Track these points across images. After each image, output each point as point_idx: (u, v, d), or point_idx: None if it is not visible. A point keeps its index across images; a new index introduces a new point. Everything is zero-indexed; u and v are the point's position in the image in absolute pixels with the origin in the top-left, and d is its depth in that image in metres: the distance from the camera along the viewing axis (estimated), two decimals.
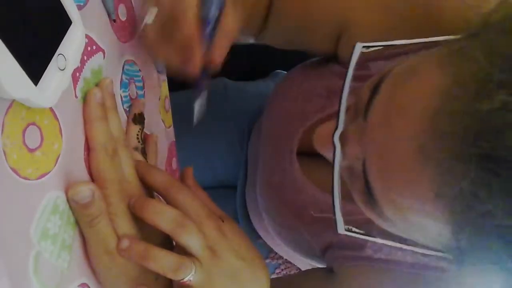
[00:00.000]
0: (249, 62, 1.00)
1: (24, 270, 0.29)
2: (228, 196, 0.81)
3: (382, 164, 0.32)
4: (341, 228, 0.37)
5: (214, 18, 0.39)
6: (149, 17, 0.40)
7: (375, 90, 0.34)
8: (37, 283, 0.30)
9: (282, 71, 0.96)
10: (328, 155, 0.39)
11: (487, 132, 0.26)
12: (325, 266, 0.59)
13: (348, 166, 0.37)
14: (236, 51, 0.45)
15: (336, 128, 0.37)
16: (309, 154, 0.56)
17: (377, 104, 0.33)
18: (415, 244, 0.36)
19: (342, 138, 0.37)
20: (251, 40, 0.63)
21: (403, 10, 0.48)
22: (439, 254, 0.34)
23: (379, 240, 0.38)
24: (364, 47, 0.38)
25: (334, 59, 0.58)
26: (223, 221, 0.42)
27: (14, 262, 0.28)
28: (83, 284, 0.37)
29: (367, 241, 0.47)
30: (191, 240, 0.38)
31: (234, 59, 0.45)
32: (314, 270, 0.62)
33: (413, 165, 0.29)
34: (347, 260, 0.53)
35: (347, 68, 0.49)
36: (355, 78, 0.51)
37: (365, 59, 0.49)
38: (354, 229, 0.38)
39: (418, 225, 0.32)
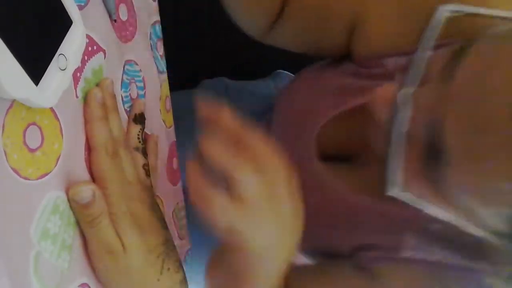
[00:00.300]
0: (249, 61, 1.00)
1: (24, 270, 0.29)
2: None
3: (468, 125, 0.31)
4: (397, 193, 0.36)
5: None
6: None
7: (460, 53, 0.33)
8: (37, 283, 0.30)
9: (283, 71, 0.96)
10: (384, 116, 0.38)
11: None
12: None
13: (405, 133, 0.36)
14: (236, 51, 0.45)
15: (402, 87, 0.36)
16: (329, 157, 0.56)
17: (467, 65, 0.32)
18: (466, 219, 0.35)
19: (408, 99, 0.35)
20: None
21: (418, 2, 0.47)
22: (488, 235, 0.34)
23: (431, 209, 0.37)
24: (452, 11, 0.37)
25: (346, 57, 0.56)
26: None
27: (14, 262, 0.28)
28: (84, 284, 0.37)
29: (403, 241, 0.47)
30: (245, 179, 0.36)
31: (234, 59, 0.45)
32: (339, 264, 0.58)
33: (505, 127, 0.29)
34: (384, 261, 0.52)
35: (359, 66, 0.48)
36: (368, 76, 0.51)
37: (379, 55, 0.49)
38: (408, 194, 0.37)
39: (483, 195, 0.32)
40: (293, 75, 0.93)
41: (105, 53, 0.41)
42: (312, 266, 0.62)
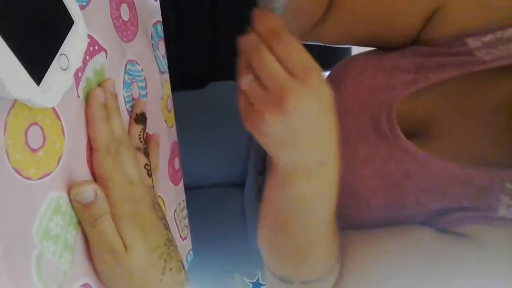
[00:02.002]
0: None
1: (26, 270, 0.29)
2: (234, 194, 0.81)
3: None
4: None
5: None
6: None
7: None
8: (39, 283, 0.30)
9: None
10: None
11: None
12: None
13: None
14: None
15: None
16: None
17: None
18: None
19: None
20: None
21: None
22: None
23: None
24: None
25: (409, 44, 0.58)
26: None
27: (16, 262, 0.28)
28: (86, 285, 0.37)
29: (499, 200, 0.49)
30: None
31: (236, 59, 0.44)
32: (420, 229, 0.57)
33: None
34: (476, 221, 0.52)
35: (434, 46, 0.49)
36: (446, 54, 0.54)
37: (461, 34, 0.52)
38: None
39: None
40: None
41: (106, 53, 0.41)
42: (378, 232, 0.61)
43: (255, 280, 0.80)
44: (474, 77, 0.54)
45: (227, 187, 0.84)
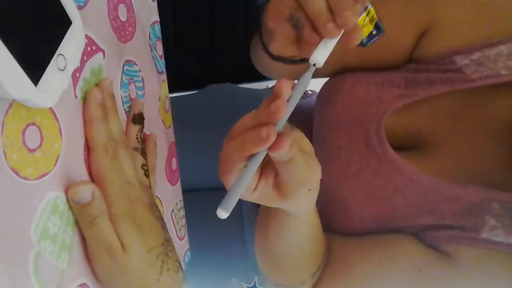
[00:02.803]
0: (248, 62, 1.00)
1: (23, 270, 0.29)
2: None
3: None
4: None
5: None
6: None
7: None
8: (36, 283, 0.30)
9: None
10: None
11: None
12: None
13: None
14: (236, 51, 0.45)
15: None
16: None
17: None
18: None
19: None
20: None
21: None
22: None
23: None
24: None
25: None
26: None
27: (14, 262, 0.28)
28: (83, 284, 0.37)
29: (483, 222, 0.49)
30: None
31: (233, 60, 0.45)
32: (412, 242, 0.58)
33: None
34: (459, 241, 0.53)
35: (423, 63, 0.50)
36: (437, 71, 0.55)
37: (450, 52, 0.53)
38: None
39: None
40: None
41: (104, 53, 0.41)
42: (367, 239, 0.62)
43: (252, 284, 0.80)
44: (463, 94, 0.54)
45: (224, 190, 0.84)
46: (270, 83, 1.02)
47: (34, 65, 0.28)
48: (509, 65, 0.51)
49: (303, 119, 0.72)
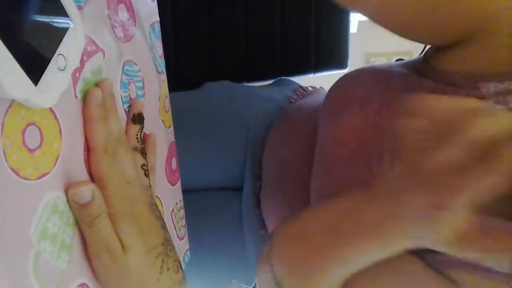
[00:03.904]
0: (248, 62, 1.00)
1: (23, 270, 0.29)
2: (231, 198, 0.81)
3: None
4: None
5: None
6: None
7: None
8: (36, 283, 0.30)
9: (286, 78, 0.96)
10: None
11: None
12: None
13: None
14: (235, 51, 0.45)
15: None
16: None
17: None
18: None
19: None
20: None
21: None
22: None
23: None
24: None
25: (418, 71, 0.50)
26: None
27: (14, 262, 0.28)
28: (83, 284, 0.37)
29: None
30: None
31: (233, 59, 0.44)
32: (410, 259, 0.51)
33: None
34: (459, 266, 0.45)
35: (443, 83, 0.42)
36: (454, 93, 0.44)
37: (475, 78, 0.42)
38: None
39: None
40: (294, 82, 0.93)
41: (104, 53, 0.41)
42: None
43: (252, 286, 0.80)
44: None
45: (223, 191, 0.84)
46: (269, 82, 1.02)
47: (34, 65, 0.28)
48: None
49: (302, 119, 0.71)
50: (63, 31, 0.32)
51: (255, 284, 0.79)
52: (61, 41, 0.31)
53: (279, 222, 0.68)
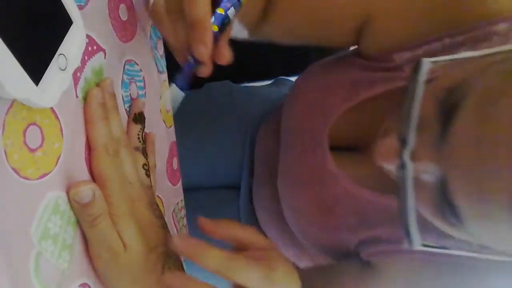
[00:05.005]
0: (249, 62, 1.00)
1: (24, 270, 0.29)
2: (231, 196, 0.81)
3: (471, 190, 0.31)
4: (418, 244, 0.36)
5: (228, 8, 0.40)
6: None
7: (451, 109, 0.32)
8: (37, 283, 0.30)
9: (285, 77, 0.96)
10: (391, 168, 0.38)
11: None
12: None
13: (414, 177, 0.36)
14: (236, 51, 0.45)
15: (404, 145, 0.35)
16: (337, 148, 0.56)
17: (460, 126, 0.32)
18: (493, 252, 0.35)
19: (414, 155, 0.35)
20: (246, 35, 0.61)
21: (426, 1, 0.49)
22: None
23: (456, 252, 0.37)
24: (432, 62, 0.37)
25: (354, 53, 0.58)
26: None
27: (15, 262, 0.28)
28: (84, 284, 0.37)
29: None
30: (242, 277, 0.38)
31: (238, 62, 0.44)
32: (348, 263, 0.59)
33: (509, 187, 0.28)
34: (386, 255, 0.52)
35: (369, 60, 0.49)
36: (378, 69, 0.53)
37: (389, 50, 0.51)
38: (429, 243, 0.37)
39: (503, 235, 0.32)
40: (293, 81, 0.93)
41: (105, 53, 0.41)
42: (323, 266, 0.62)
43: None
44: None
45: (222, 189, 0.84)
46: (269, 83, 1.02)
47: (35, 65, 0.28)
48: None
49: (276, 113, 0.72)
50: (64, 31, 0.32)
51: None
52: (62, 41, 0.31)
53: (270, 216, 0.70)
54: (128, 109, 0.45)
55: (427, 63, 0.36)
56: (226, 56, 0.43)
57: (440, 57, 0.38)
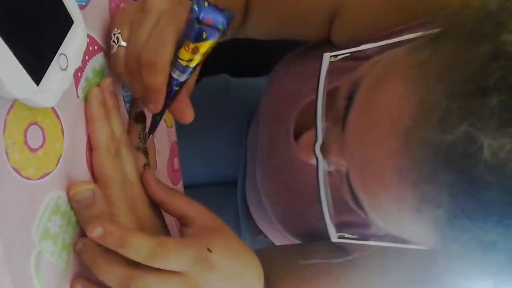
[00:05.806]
0: (247, 59, 1.00)
1: (25, 270, 0.29)
2: (229, 192, 0.81)
3: (364, 179, 0.32)
4: (334, 237, 0.37)
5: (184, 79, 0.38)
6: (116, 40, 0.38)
7: (350, 100, 0.34)
8: (38, 283, 0.30)
9: None
10: (312, 162, 0.39)
11: (454, 162, 0.25)
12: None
13: (336, 169, 0.37)
14: (234, 48, 0.45)
15: (316, 139, 0.37)
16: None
17: (352, 117, 0.33)
18: (409, 242, 0.35)
19: (323, 148, 0.37)
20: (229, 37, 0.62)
21: None
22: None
23: (372, 243, 0.38)
24: (332, 56, 0.38)
25: (328, 43, 0.59)
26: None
27: (16, 262, 0.28)
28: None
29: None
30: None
31: (232, 57, 0.44)
32: (320, 244, 0.59)
33: (391, 184, 0.29)
34: (356, 238, 0.53)
35: (340, 49, 0.48)
36: (354, 58, 0.53)
37: (357, 40, 0.50)
38: (347, 235, 0.38)
39: (406, 231, 0.32)
40: None
41: (106, 53, 0.41)
42: (293, 248, 0.63)
43: None
44: None
45: (219, 185, 0.84)
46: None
47: (36, 65, 0.28)
48: None
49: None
50: (65, 31, 0.31)
51: None
52: (63, 41, 0.31)
53: (258, 209, 0.71)
54: (129, 109, 0.45)
55: (327, 57, 0.38)
56: (187, 113, 0.41)
57: (340, 52, 0.39)
